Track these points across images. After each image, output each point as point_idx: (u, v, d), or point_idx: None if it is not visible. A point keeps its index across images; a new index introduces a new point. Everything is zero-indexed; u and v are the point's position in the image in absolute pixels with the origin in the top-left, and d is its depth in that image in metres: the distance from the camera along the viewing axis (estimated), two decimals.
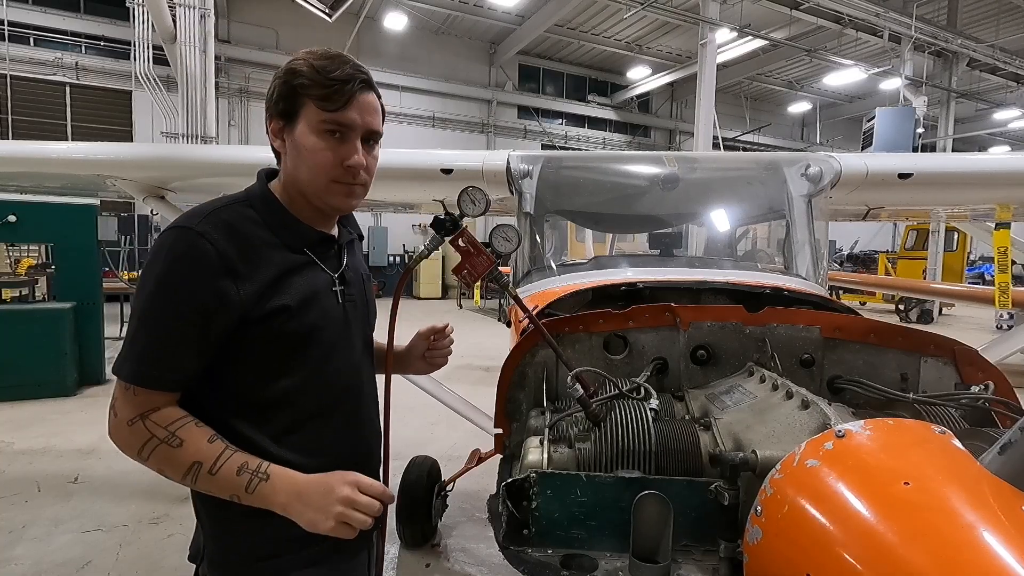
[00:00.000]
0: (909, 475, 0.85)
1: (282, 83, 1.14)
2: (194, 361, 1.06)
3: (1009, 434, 0.80)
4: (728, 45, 14.23)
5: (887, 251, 19.13)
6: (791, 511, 0.93)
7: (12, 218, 6.17)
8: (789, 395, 1.39)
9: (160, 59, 10.00)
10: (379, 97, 1.20)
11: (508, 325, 3.61)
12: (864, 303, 15.31)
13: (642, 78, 20.84)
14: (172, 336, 1.03)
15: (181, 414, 1.05)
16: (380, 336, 1.42)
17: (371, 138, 1.18)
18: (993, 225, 4.05)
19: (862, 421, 1.02)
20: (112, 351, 8.02)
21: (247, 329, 1.08)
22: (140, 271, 1.13)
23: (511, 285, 1.63)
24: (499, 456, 1.73)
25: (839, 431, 0.98)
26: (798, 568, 0.87)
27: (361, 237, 1.40)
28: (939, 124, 17.72)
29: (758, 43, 14.80)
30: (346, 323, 1.24)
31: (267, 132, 1.19)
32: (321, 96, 1.10)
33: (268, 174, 1.25)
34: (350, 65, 1.13)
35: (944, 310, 14.59)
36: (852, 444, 0.96)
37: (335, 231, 1.29)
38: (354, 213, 1.32)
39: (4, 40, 14.08)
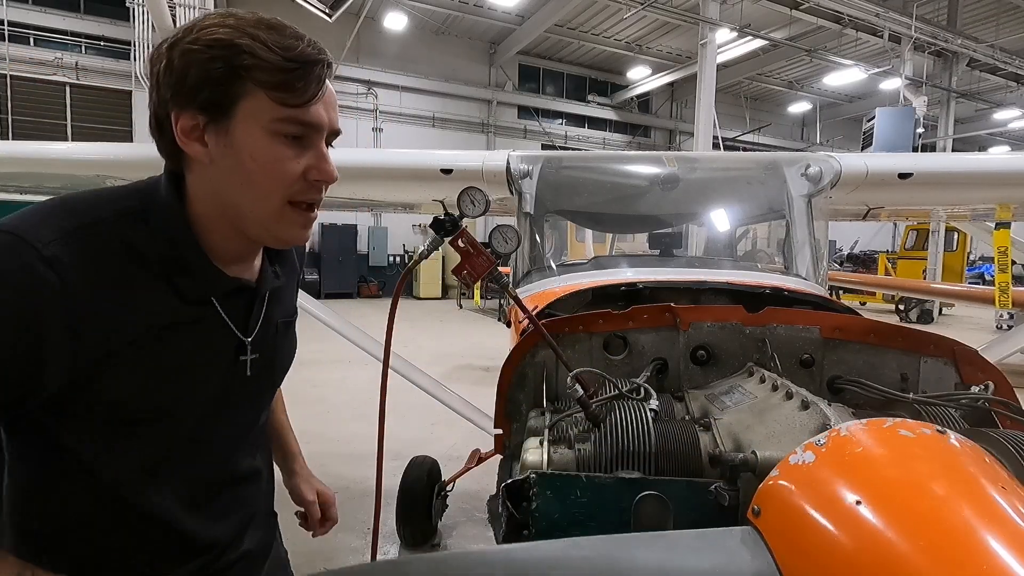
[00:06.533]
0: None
1: (209, 59, 0.76)
2: None
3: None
4: (728, 45, 14.22)
5: (887, 251, 19.13)
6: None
7: None
8: (789, 395, 1.39)
9: None
10: None
11: (508, 325, 3.61)
12: (864, 303, 15.30)
13: (642, 78, 20.83)
14: None
15: None
16: (378, 334, 1.42)
17: (332, 142, 0.89)
18: (993, 225, 4.05)
19: (861, 421, 1.02)
20: None
21: (75, 401, 0.77)
22: None
23: (511, 285, 1.63)
24: (499, 456, 1.73)
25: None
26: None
27: (300, 274, 1.08)
28: (939, 124, 17.71)
29: (758, 43, 14.80)
30: (242, 398, 0.94)
31: (162, 128, 0.82)
32: (279, 84, 0.77)
33: (176, 178, 0.86)
34: (306, 40, 0.80)
35: (944, 310, 14.58)
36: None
37: (256, 272, 0.94)
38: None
39: (4, 40, 14.08)
